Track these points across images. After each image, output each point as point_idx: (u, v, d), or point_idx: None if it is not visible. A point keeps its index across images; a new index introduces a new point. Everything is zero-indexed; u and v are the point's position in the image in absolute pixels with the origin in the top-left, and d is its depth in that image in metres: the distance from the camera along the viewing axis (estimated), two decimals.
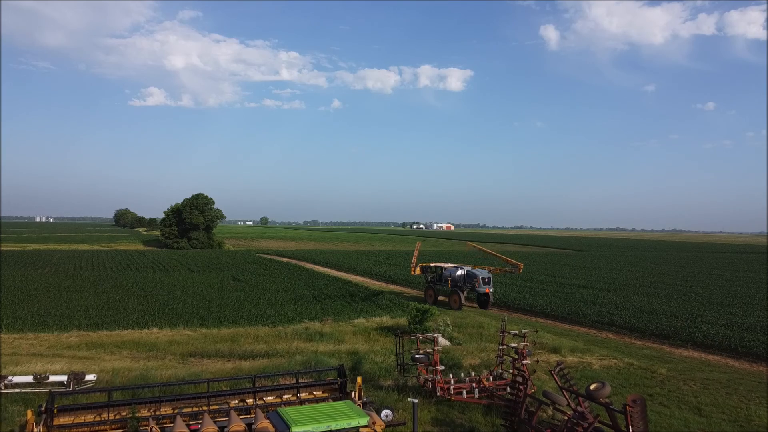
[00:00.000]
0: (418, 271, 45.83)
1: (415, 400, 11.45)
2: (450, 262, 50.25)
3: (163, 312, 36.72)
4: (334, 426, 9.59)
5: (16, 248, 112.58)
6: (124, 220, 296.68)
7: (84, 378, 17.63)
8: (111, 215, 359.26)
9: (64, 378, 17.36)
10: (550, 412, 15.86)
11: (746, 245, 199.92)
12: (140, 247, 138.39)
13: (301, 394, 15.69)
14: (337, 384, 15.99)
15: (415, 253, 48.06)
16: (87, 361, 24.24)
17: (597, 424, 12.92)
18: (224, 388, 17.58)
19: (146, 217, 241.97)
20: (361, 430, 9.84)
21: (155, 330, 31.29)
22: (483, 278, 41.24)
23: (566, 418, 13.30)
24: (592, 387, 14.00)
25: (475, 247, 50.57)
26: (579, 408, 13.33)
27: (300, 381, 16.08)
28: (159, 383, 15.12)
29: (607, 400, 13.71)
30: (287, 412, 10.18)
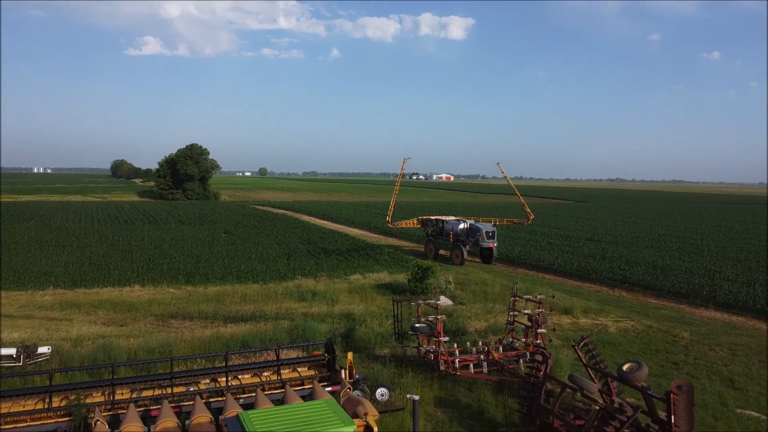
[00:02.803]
0: (406, 224, 43.06)
1: (416, 397, 9.18)
2: (451, 215, 47.88)
3: (147, 268, 34.68)
4: None
5: (8, 200, 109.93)
6: (121, 171, 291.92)
7: (36, 351, 15.43)
8: (109, 166, 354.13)
9: (12, 351, 15.15)
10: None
11: (748, 196, 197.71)
12: (135, 198, 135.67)
13: (283, 372, 13.55)
14: (324, 360, 13.85)
15: (395, 192, 43.40)
16: (57, 323, 22.23)
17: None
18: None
19: (143, 168, 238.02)
20: None
21: (137, 288, 29.47)
22: (487, 232, 38.92)
23: (597, 408, 11.14)
24: (625, 367, 11.79)
25: (503, 173, 46.09)
26: (616, 399, 11.11)
27: (283, 357, 13.94)
28: (111, 363, 12.87)
29: (644, 383, 11.53)
30: (249, 417, 7.92)
